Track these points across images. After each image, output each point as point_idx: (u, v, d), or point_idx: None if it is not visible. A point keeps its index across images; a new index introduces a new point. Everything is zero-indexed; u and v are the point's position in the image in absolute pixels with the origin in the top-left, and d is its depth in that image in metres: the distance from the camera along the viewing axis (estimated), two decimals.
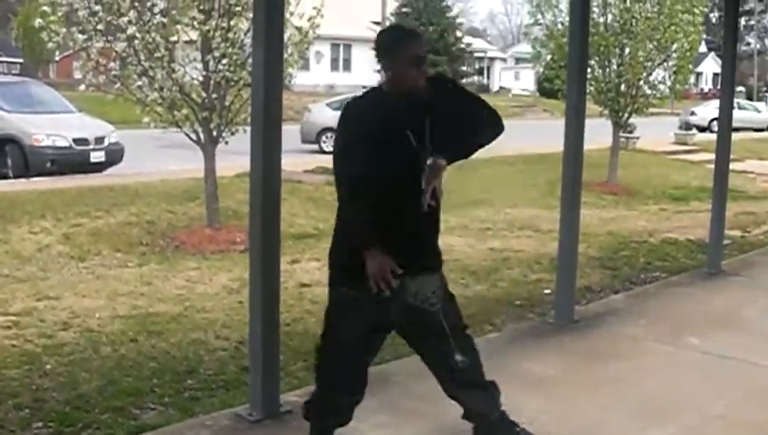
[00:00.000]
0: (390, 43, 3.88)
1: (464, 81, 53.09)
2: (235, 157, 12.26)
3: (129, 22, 9.89)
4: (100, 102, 17.04)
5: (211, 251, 9.97)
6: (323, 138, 24.04)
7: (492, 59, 69.85)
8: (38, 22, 10.24)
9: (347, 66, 53.49)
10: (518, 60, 71.50)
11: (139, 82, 10.26)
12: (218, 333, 6.83)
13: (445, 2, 53.42)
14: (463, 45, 53.50)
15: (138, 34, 9.97)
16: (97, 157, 15.98)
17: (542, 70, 32.01)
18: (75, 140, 15.74)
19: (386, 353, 6.34)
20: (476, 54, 61.26)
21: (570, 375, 5.56)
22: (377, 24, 45.63)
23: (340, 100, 25.94)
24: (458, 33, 53.64)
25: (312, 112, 24.76)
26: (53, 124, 15.96)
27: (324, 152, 23.34)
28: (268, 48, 4.48)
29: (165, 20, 10.10)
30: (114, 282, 8.38)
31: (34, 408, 5.15)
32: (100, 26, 10.00)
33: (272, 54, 4.51)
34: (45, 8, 10.20)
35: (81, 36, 10.14)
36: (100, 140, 16.16)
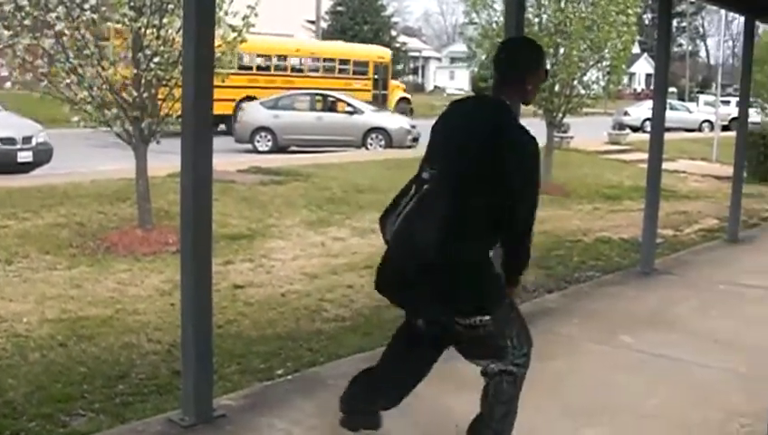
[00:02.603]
0: (537, 57, 3.98)
1: (398, 80, 53.40)
2: (168, 156, 12.10)
3: (58, 18, 9.67)
4: (27, 101, 16.72)
5: (143, 252, 9.80)
6: (257, 137, 23.93)
7: (427, 58, 70.26)
8: None
9: None
10: (453, 59, 72.06)
11: (68, 80, 10.04)
12: (150, 336, 6.72)
13: (380, 1, 53.55)
14: (398, 45, 53.69)
15: (66, 31, 9.76)
16: (24, 157, 15.64)
17: (476, 69, 32.26)
18: (1, 140, 15.40)
19: (320, 355, 6.33)
20: (411, 54, 61.61)
21: None
22: (311, 22, 45.59)
23: (273, 99, 25.87)
24: (393, 33, 53.91)
25: (246, 112, 24.58)
26: None
27: (258, 152, 23.24)
28: (199, 47, 4.41)
29: (95, 16, 9.88)
30: (43, 285, 8.19)
31: None
32: (26, 22, 9.73)
33: (203, 53, 4.44)
34: None
35: (6, 32, 9.85)
36: (27, 139, 15.82)
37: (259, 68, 30.16)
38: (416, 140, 24.68)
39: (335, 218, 12.48)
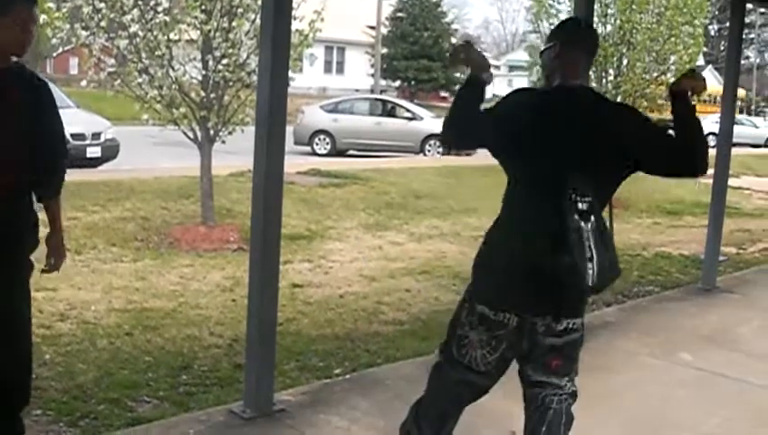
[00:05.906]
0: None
1: (457, 87, 53.27)
2: (228, 156, 12.33)
3: (132, 20, 9.95)
4: (94, 98, 17.08)
5: (205, 249, 10.01)
6: (316, 140, 24.20)
7: None
8: (42, 18, 10.26)
9: (340, 69, 53.58)
10: (512, 67, 71.68)
11: (140, 80, 10.30)
12: (212, 329, 6.89)
13: (440, 8, 53.53)
14: None
15: (140, 32, 10.03)
16: (93, 152, 15.99)
17: (536, 78, 32.16)
18: (72, 135, 15.66)
19: (378, 357, 6.44)
20: None
21: None
22: (372, 28, 45.82)
23: (333, 102, 26.11)
24: (453, 40, 53.75)
25: (306, 115, 24.85)
26: None
27: (317, 154, 23.49)
28: (275, 51, 4.55)
29: (167, 19, 10.14)
30: (109, 276, 8.43)
31: (34, 396, 5.14)
32: (103, 23, 10.03)
33: (278, 58, 4.57)
34: (50, 5, 10.23)
35: (83, 33, 10.17)
36: (96, 135, 16.17)
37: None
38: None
39: (393, 223, 12.60)
